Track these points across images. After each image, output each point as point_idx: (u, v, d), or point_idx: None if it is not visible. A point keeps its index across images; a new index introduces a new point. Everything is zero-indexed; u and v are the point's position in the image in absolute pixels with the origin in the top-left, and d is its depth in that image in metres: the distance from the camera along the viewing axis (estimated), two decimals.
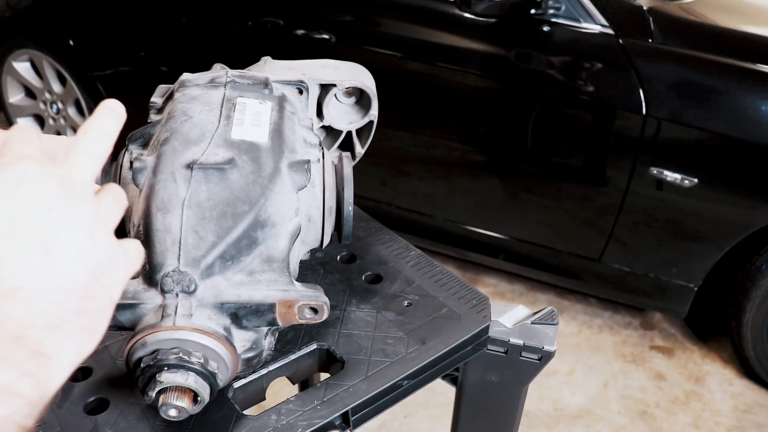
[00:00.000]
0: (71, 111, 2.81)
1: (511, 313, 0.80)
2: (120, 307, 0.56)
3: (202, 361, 0.55)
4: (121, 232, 0.66)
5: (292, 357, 0.71)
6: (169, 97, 0.71)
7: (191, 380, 0.54)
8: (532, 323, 0.79)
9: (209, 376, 0.55)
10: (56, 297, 0.34)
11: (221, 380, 0.58)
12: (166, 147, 0.62)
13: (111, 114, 0.44)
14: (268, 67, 0.79)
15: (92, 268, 0.37)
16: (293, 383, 0.75)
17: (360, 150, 0.86)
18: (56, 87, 2.80)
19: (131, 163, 0.62)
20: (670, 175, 1.76)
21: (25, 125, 0.56)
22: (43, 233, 0.35)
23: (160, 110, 0.71)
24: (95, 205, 0.39)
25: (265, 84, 0.70)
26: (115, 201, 0.42)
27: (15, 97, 2.97)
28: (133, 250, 0.42)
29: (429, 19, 1.99)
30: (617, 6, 1.84)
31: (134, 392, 0.57)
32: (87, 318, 0.36)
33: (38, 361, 0.33)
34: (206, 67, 0.77)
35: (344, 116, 0.83)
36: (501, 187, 2.08)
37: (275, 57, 0.82)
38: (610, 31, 1.78)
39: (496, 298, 2.23)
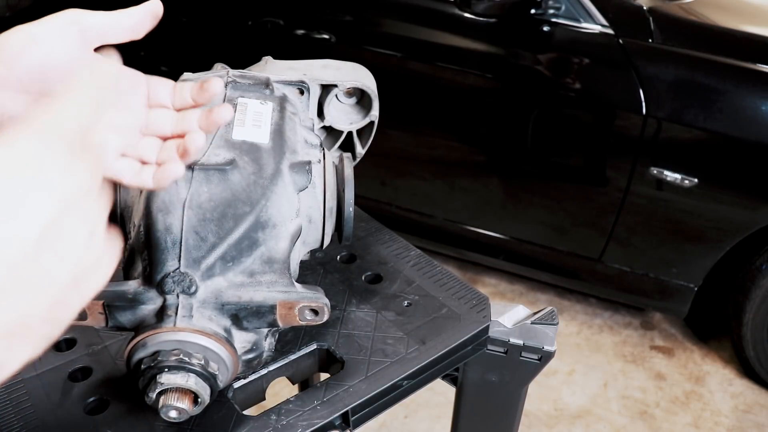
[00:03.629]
0: None
1: (511, 313, 0.80)
2: (120, 308, 0.56)
3: (202, 362, 0.55)
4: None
5: (292, 357, 0.71)
6: None
7: (192, 382, 0.54)
8: (532, 323, 0.79)
9: (210, 378, 0.55)
10: (28, 299, 0.28)
11: (221, 381, 0.58)
12: None
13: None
14: (269, 67, 0.79)
15: (76, 271, 0.30)
16: (293, 383, 0.75)
17: (360, 150, 0.86)
18: None
19: None
20: (670, 175, 1.76)
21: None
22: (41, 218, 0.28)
23: None
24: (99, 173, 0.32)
25: (267, 84, 0.70)
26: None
27: None
28: (117, 248, 0.35)
29: (429, 19, 1.99)
30: (617, 6, 1.84)
31: (134, 393, 0.58)
32: (50, 327, 0.30)
33: None
34: (206, 67, 0.77)
35: (345, 117, 0.83)
36: (501, 187, 2.08)
37: (276, 57, 0.81)
38: (610, 31, 1.78)
39: (496, 298, 2.23)
